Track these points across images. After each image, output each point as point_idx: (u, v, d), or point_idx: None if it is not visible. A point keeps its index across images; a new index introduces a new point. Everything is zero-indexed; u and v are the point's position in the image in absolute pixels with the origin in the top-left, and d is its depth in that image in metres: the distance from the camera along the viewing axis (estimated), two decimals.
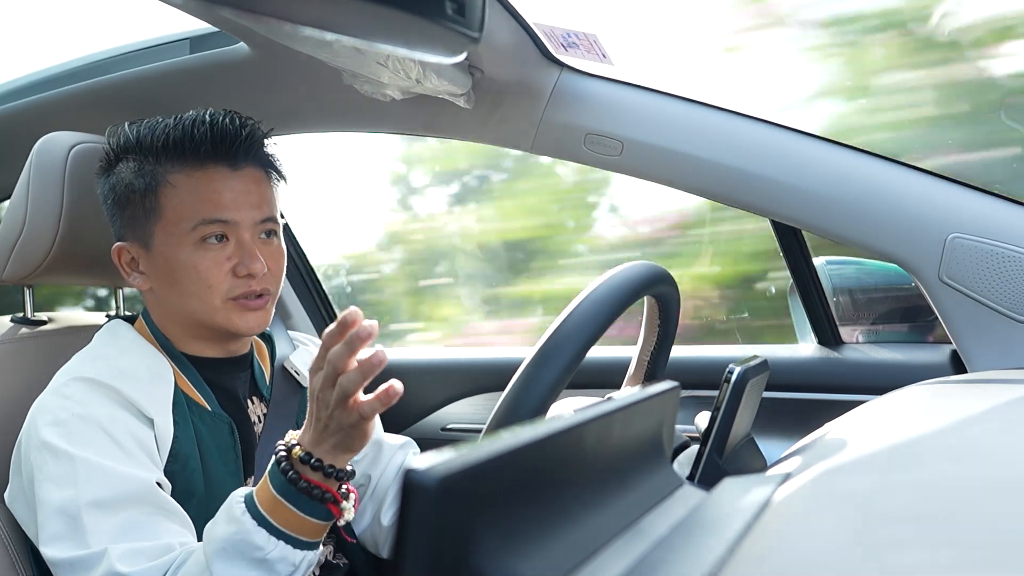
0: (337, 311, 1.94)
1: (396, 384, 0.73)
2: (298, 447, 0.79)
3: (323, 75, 1.20)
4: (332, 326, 0.74)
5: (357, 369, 0.73)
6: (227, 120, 0.97)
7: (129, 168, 0.98)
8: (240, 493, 0.81)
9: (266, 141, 1.02)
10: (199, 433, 0.95)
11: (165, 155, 0.96)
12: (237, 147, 0.97)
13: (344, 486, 0.81)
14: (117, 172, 0.99)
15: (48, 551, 0.83)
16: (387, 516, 1.06)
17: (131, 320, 1.05)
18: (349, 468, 0.80)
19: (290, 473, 0.78)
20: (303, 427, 0.80)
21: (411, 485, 0.32)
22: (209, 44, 1.27)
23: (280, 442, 0.81)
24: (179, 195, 0.95)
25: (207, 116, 0.97)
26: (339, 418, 0.75)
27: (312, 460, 0.77)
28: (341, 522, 0.82)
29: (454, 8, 0.54)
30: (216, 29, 1.24)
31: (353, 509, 0.82)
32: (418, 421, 1.74)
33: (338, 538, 1.06)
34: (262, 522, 0.77)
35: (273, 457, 0.80)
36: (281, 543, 0.78)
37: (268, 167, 1.02)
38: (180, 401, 0.96)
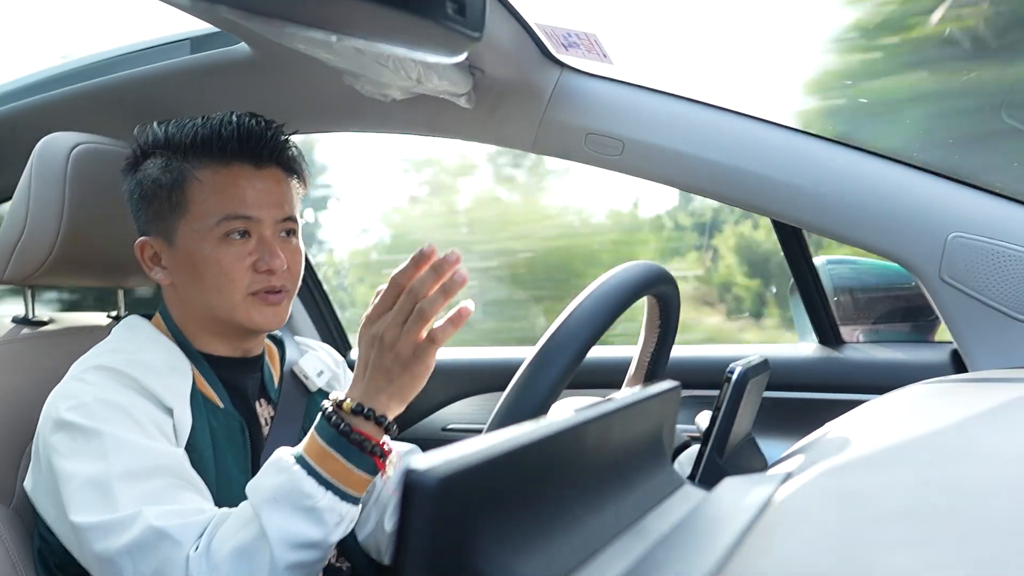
0: (339, 312, 1.95)
1: (468, 304, 0.78)
2: (348, 400, 0.81)
3: (324, 75, 1.20)
4: (404, 264, 0.78)
5: (439, 290, 0.77)
6: (253, 121, 1.00)
7: (156, 165, 1.00)
8: (286, 450, 0.83)
9: (289, 143, 1.04)
10: (213, 429, 0.97)
11: (193, 152, 0.99)
12: (262, 147, 1.00)
13: (387, 442, 0.83)
14: (144, 169, 1.01)
15: (79, 518, 0.83)
16: (391, 522, 1.06)
17: (148, 317, 1.06)
18: (394, 427, 0.83)
19: (342, 425, 0.80)
20: (353, 379, 0.83)
21: (411, 486, 0.32)
22: (210, 44, 1.28)
23: (326, 401, 0.83)
24: (205, 191, 0.97)
25: (234, 117, 1.00)
26: (403, 352, 0.78)
27: (365, 410, 0.80)
28: (381, 480, 0.84)
29: (454, 8, 0.54)
30: (217, 29, 1.24)
31: (393, 468, 0.84)
32: (419, 421, 1.75)
33: (341, 541, 1.06)
34: (311, 472, 0.79)
35: (320, 413, 0.82)
36: (330, 493, 0.79)
37: (289, 169, 1.04)
38: (196, 396, 0.97)
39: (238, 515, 0.81)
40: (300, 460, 0.80)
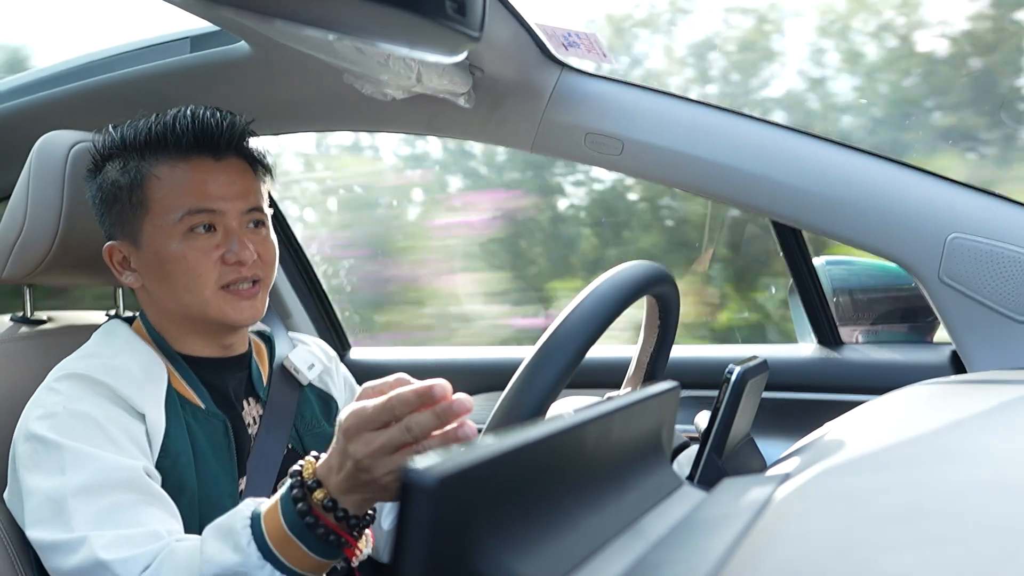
0: (337, 310, 1.94)
1: (468, 427, 0.69)
2: (320, 490, 0.73)
3: (324, 74, 1.20)
4: (407, 393, 0.68)
5: (439, 440, 0.69)
6: (208, 113, 0.98)
7: (115, 167, 0.99)
8: (246, 512, 0.77)
9: (249, 136, 1.02)
10: (192, 431, 0.95)
11: (148, 150, 0.97)
12: (219, 138, 0.98)
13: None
14: (104, 173, 1.00)
15: (32, 533, 0.83)
16: (387, 520, 1.06)
17: (130, 320, 1.05)
18: (369, 514, 0.76)
19: (307, 517, 0.73)
20: (326, 464, 0.73)
21: (410, 485, 0.32)
22: (210, 43, 1.28)
23: (296, 470, 0.75)
24: (164, 187, 0.96)
25: (189, 111, 0.98)
26: (384, 480, 0.70)
27: (337, 510, 0.73)
28: (354, 562, 0.79)
29: (454, 8, 0.54)
30: (217, 28, 1.24)
31: (368, 548, 0.79)
32: None
33: None
34: (268, 556, 0.74)
35: (287, 488, 0.75)
36: None
37: (252, 160, 1.03)
38: (173, 399, 0.96)
39: (186, 562, 0.77)
40: (258, 538, 0.74)
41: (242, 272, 0.97)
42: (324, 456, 0.75)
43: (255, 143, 1.03)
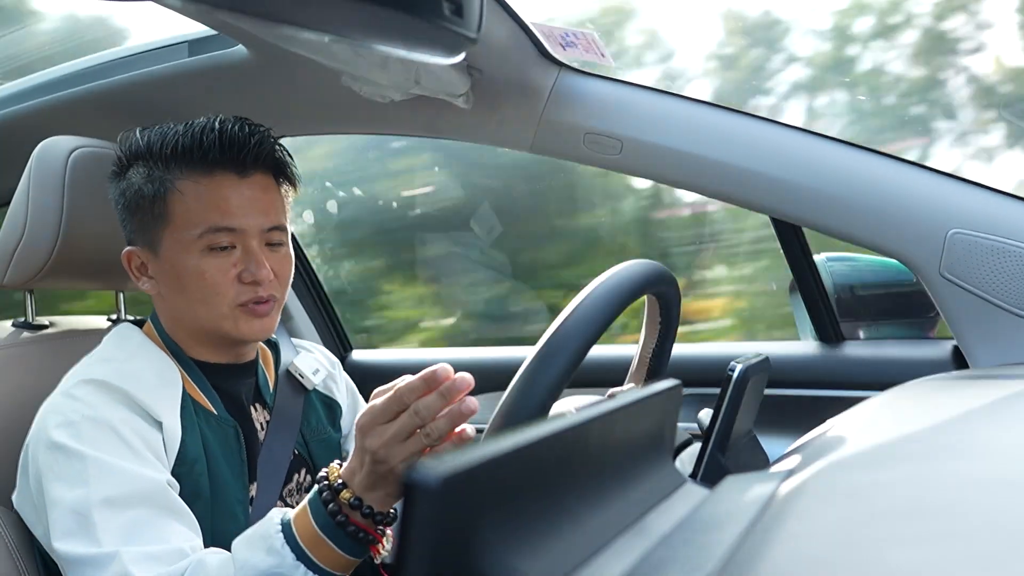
0: (339, 313, 1.94)
1: (468, 428, 0.76)
2: (347, 490, 0.79)
3: (322, 77, 1.20)
4: (414, 381, 0.74)
5: (446, 419, 0.74)
6: (236, 127, 0.98)
7: (139, 174, 0.98)
8: (276, 519, 0.81)
9: (276, 147, 1.02)
10: (205, 437, 0.96)
11: (174, 161, 0.96)
12: (246, 154, 0.97)
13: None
14: (128, 177, 1.00)
15: (60, 546, 0.83)
16: None
17: (140, 324, 1.06)
18: (392, 512, 0.81)
19: (339, 516, 0.78)
20: (349, 466, 0.80)
21: (413, 485, 0.32)
22: (208, 47, 1.28)
23: (323, 476, 0.81)
24: (187, 202, 0.96)
25: (216, 123, 0.97)
26: (399, 469, 0.75)
27: (363, 507, 0.78)
28: (377, 560, 0.84)
29: (451, 8, 0.54)
30: (215, 32, 1.25)
31: (390, 543, 0.83)
32: None
33: None
34: (301, 556, 0.78)
35: (315, 492, 0.80)
36: None
37: (278, 173, 1.02)
38: (187, 405, 0.96)
39: (218, 572, 0.80)
40: (291, 540, 0.79)
41: (258, 291, 0.97)
42: (347, 462, 0.81)
43: (282, 154, 1.02)
